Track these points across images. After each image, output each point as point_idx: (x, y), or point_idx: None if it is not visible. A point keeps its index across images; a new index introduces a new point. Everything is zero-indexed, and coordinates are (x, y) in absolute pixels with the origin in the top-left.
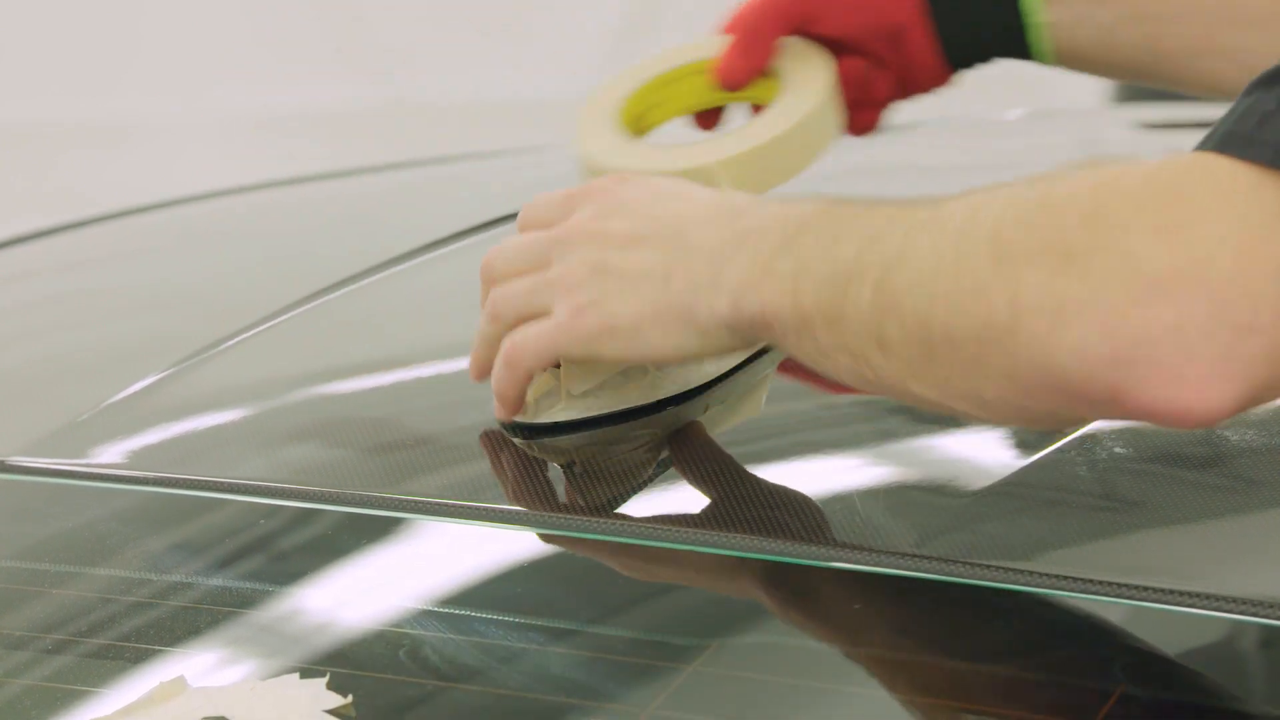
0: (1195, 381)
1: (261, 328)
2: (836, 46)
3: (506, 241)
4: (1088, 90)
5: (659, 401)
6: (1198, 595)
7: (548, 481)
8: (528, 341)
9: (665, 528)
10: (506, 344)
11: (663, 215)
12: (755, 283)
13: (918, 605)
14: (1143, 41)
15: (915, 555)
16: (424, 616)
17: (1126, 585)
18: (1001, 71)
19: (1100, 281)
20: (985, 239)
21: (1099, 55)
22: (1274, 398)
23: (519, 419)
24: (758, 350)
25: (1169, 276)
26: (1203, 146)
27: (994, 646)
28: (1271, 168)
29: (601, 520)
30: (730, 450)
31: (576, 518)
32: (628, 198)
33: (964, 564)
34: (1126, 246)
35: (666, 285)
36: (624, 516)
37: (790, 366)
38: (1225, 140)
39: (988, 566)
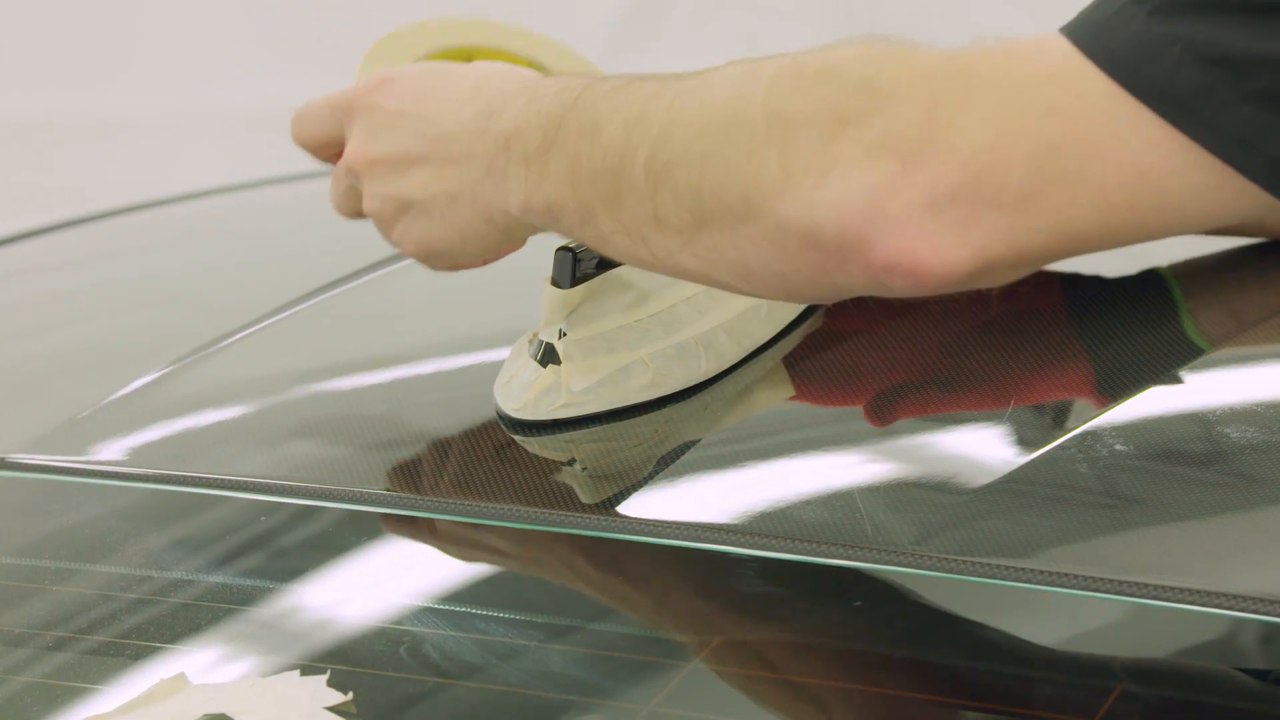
0: (934, 243)
1: (261, 325)
2: None
3: (332, 175)
4: None
5: (659, 399)
6: (1198, 592)
7: (549, 478)
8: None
9: (666, 525)
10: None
11: (425, 128)
12: (534, 185)
13: (917, 602)
14: None
15: (915, 552)
16: (424, 613)
17: (1126, 582)
18: None
19: (869, 144)
20: (759, 102)
21: None
22: (1010, 277)
23: (520, 415)
24: (756, 348)
25: (929, 145)
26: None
27: (994, 643)
28: (1087, 54)
29: (602, 518)
30: (730, 446)
31: (577, 515)
32: (389, 108)
33: (964, 561)
34: (897, 114)
35: (455, 204)
36: (625, 514)
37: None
38: (1074, 20)
39: (987, 564)
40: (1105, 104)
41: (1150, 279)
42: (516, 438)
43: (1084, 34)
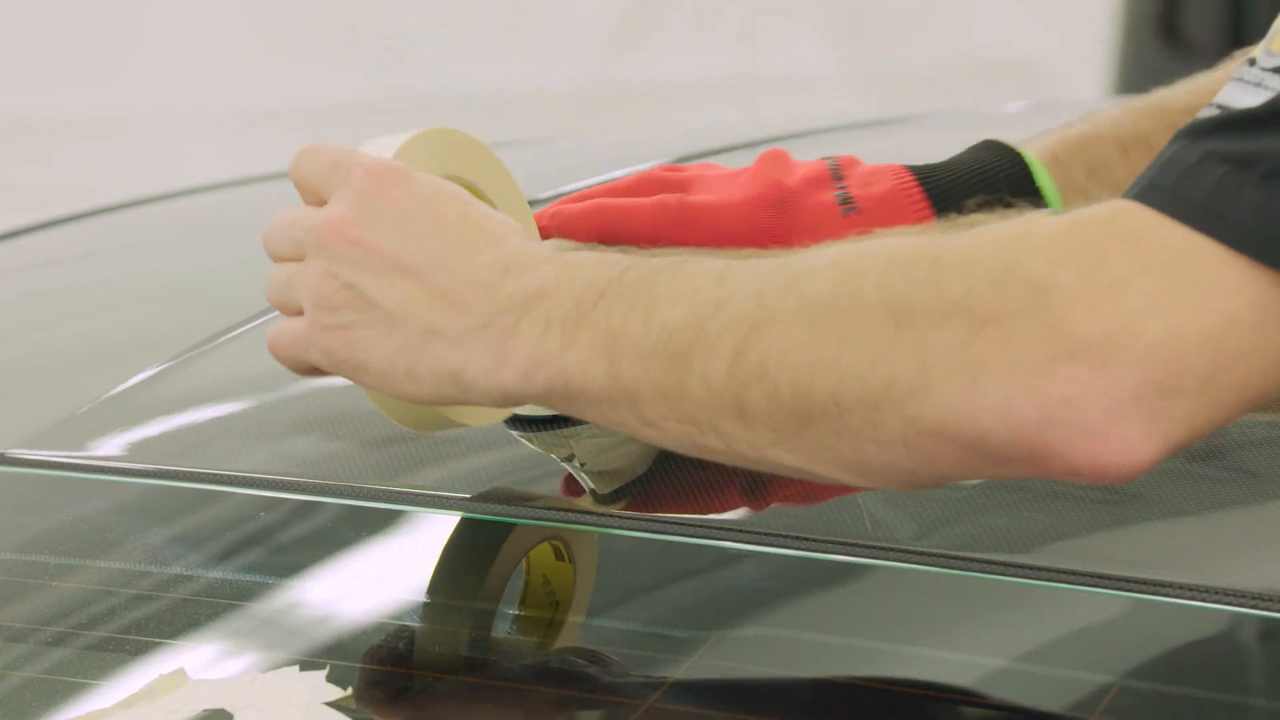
0: (1121, 441)
1: (260, 320)
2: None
3: (282, 215)
4: (1090, 81)
5: None
6: (1197, 588)
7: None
8: (280, 341)
9: (664, 521)
10: (269, 336)
11: (428, 245)
12: (552, 357)
13: (917, 598)
14: None
15: (914, 548)
16: (423, 608)
17: (1126, 578)
18: (1002, 63)
19: (1024, 344)
20: (877, 303)
21: None
22: (1188, 445)
23: (519, 412)
24: None
25: (1097, 341)
26: (1127, 194)
27: (993, 639)
28: (1198, 229)
29: (601, 514)
30: None
31: (576, 511)
32: (400, 206)
33: (964, 557)
34: (1050, 308)
35: (428, 340)
36: (624, 510)
37: None
38: (1146, 191)
39: (987, 560)
40: (1252, 282)
41: None
42: (515, 434)
43: (1185, 209)
